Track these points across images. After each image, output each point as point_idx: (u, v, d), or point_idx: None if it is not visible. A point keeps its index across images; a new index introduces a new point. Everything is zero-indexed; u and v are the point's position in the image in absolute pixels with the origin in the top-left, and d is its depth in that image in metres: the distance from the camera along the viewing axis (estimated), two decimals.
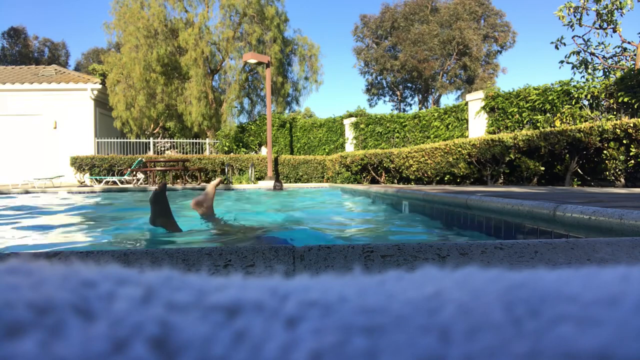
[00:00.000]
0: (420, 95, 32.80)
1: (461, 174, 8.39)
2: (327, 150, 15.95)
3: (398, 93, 33.41)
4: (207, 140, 17.16)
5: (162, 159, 12.86)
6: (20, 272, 0.17)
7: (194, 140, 17.59)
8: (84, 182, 13.04)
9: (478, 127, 10.89)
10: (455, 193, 3.47)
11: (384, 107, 68.98)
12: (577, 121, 8.49)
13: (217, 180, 3.13)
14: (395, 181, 10.69)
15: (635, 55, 11.84)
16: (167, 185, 11.17)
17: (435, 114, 12.79)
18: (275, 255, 0.97)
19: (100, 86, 15.69)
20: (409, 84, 32.90)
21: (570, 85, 9.04)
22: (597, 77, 12.62)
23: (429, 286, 0.18)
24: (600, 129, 6.15)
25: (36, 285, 0.16)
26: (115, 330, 0.14)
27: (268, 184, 11.45)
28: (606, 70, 12.97)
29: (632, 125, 5.83)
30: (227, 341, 0.14)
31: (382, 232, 3.37)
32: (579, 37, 12.94)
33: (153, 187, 10.05)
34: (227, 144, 15.98)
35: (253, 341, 0.14)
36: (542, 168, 7.04)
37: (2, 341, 0.13)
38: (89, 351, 0.13)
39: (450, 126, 12.25)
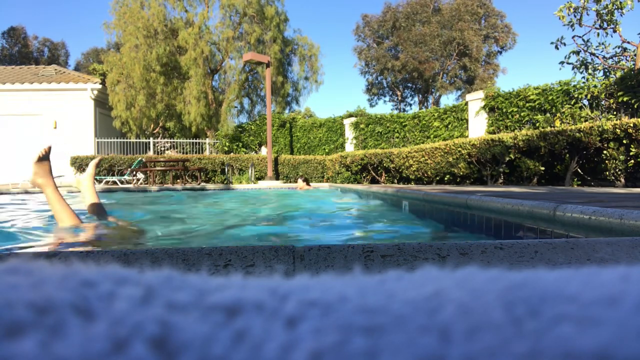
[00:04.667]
0: (421, 96, 32.80)
1: (461, 174, 8.39)
2: (327, 150, 15.95)
3: (398, 93, 33.40)
4: (207, 140, 17.15)
5: (162, 159, 12.86)
6: (20, 272, 0.17)
7: (194, 140, 17.59)
8: None
9: (478, 127, 10.89)
10: (455, 193, 3.47)
11: (384, 107, 68.91)
12: (577, 121, 8.49)
13: (97, 159, 3.27)
14: (395, 181, 10.69)
15: (635, 55, 11.83)
16: (167, 185, 11.16)
17: (435, 114, 12.78)
18: (275, 255, 0.97)
19: (100, 86, 15.69)
20: (409, 84, 32.89)
21: (570, 85, 9.04)
22: (597, 77, 12.61)
23: (429, 286, 0.18)
24: (600, 129, 6.15)
25: (36, 285, 0.16)
26: (115, 330, 0.14)
27: (269, 183, 11.43)
28: (606, 70, 12.96)
29: (632, 125, 5.83)
30: (227, 341, 0.14)
31: (382, 232, 3.37)
32: (579, 37, 12.92)
33: (154, 187, 10.03)
34: (227, 143, 15.98)
35: (253, 341, 0.14)
36: (542, 168, 7.03)
37: (2, 341, 0.13)
38: (89, 351, 0.13)
39: (450, 126, 12.25)
